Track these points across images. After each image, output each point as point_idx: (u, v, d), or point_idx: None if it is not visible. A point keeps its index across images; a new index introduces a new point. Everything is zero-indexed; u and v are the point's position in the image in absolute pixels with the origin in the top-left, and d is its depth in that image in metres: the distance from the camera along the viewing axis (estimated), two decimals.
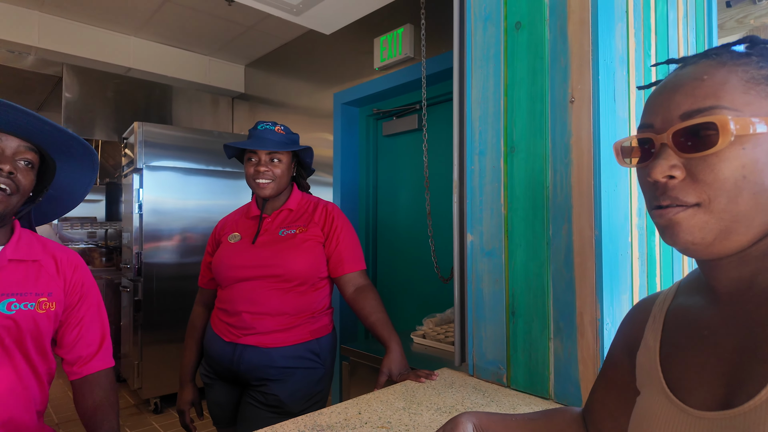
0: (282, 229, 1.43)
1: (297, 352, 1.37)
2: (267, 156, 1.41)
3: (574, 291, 1.04)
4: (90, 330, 1.14)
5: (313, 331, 1.41)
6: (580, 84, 1.05)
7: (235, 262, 1.40)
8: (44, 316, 1.05)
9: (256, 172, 1.41)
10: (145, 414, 3.20)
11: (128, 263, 3.33)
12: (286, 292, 1.37)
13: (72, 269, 1.13)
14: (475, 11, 1.28)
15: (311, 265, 1.39)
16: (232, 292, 1.40)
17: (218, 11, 3.13)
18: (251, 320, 1.35)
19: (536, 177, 1.11)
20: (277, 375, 1.35)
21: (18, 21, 3.10)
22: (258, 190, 1.43)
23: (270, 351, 1.35)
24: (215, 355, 1.42)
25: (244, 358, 1.35)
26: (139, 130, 3.17)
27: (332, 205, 1.51)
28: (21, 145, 0.99)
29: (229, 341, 1.38)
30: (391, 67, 2.67)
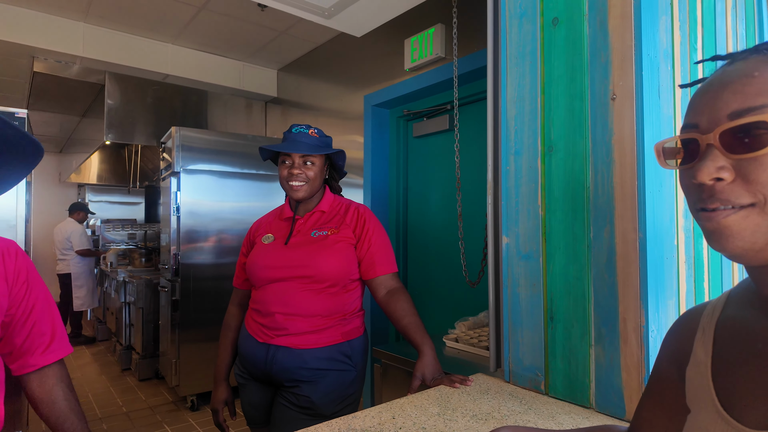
0: (314, 231, 1.44)
1: (329, 354, 1.37)
2: (301, 159, 1.43)
3: (617, 296, 1.00)
4: (42, 320, 1.04)
5: (345, 333, 1.41)
6: (621, 80, 1.01)
7: (268, 263, 1.42)
8: None
9: (290, 174, 1.42)
10: (182, 411, 3.29)
11: (166, 264, 3.44)
12: (317, 293, 1.37)
13: (13, 257, 1.01)
14: (510, 8, 1.26)
15: (342, 266, 1.39)
16: (265, 292, 1.41)
17: (251, 17, 3.19)
18: (284, 321, 1.36)
19: (576, 177, 1.07)
20: (309, 376, 1.35)
21: (64, 32, 3.25)
22: (291, 192, 1.44)
23: (302, 352, 1.35)
24: (249, 356, 1.43)
25: (277, 358, 1.36)
26: (176, 134, 3.26)
27: (364, 207, 1.51)
28: None
29: (262, 342, 1.39)
30: (421, 67, 2.65)
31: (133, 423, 3.10)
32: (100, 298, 5.50)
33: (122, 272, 4.74)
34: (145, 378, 3.96)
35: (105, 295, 5.34)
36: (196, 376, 3.29)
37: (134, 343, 4.21)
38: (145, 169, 6.01)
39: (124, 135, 3.71)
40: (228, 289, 3.46)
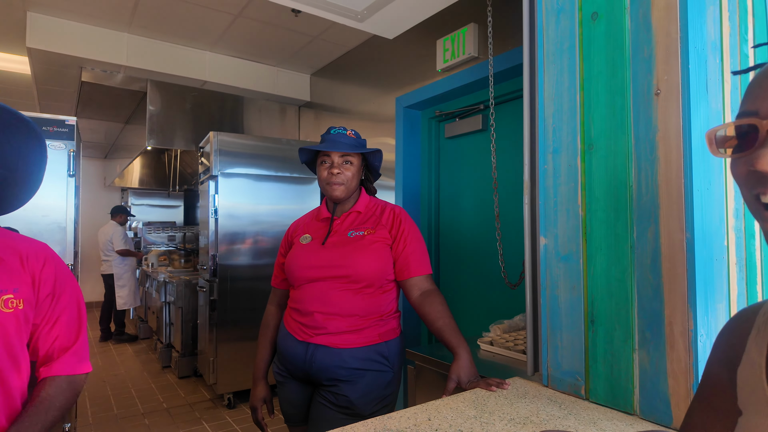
0: (351, 231, 1.46)
1: (366, 354, 1.38)
2: (340, 158, 1.45)
3: (663, 299, 0.96)
4: (67, 331, 1.00)
5: (382, 334, 1.41)
6: (666, 75, 0.97)
7: (306, 263, 1.44)
8: (12, 315, 0.90)
9: (329, 174, 1.45)
10: (219, 408, 3.37)
11: (204, 265, 3.54)
12: (355, 293, 1.39)
13: (41, 262, 0.98)
14: (547, 4, 1.23)
15: (379, 266, 1.40)
16: (303, 292, 1.43)
17: (286, 23, 3.25)
18: (323, 320, 1.37)
19: (618, 176, 1.04)
20: (348, 376, 1.36)
21: (110, 43, 3.40)
22: (330, 191, 1.46)
23: (341, 351, 1.36)
24: (288, 354, 1.44)
25: (316, 357, 1.37)
26: (214, 139, 3.36)
27: (399, 209, 1.52)
28: None
29: (302, 340, 1.41)
30: (453, 68, 2.63)
31: (173, 419, 3.20)
32: (142, 297, 5.71)
33: (162, 273, 4.91)
34: (185, 375, 4.08)
35: (146, 295, 5.54)
36: (233, 375, 3.37)
37: (174, 342, 4.35)
38: (185, 173, 6.21)
39: (164, 140, 3.85)
40: (264, 290, 3.53)
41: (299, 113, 4.51)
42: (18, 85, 4.36)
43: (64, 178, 2.34)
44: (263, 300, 1.53)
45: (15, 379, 0.91)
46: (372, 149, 1.50)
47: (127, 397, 3.65)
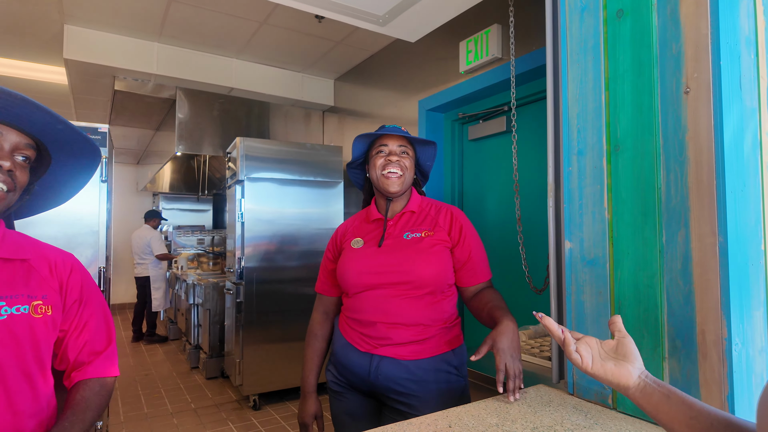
0: (406, 233, 1.35)
1: (435, 365, 1.28)
2: (398, 147, 1.38)
3: (694, 306, 0.92)
4: (96, 337, 1.02)
5: (448, 342, 1.32)
6: (696, 72, 0.93)
7: (361, 269, 1.33)
8: (41, 321, 0.91)
9: (387, 162, 1.35)
10: (245, 409, 3.42)
11: (231, 267, 3.60)
12: (417, 299, 1.29)
13: (68, 270, 1.01)
14: (570, 3, 1.20)
15: (440, 271, 1.30)
16: (361, 300, 1.33)
17: (309, 29, 3.29)
18: (387, 330, 1.28)
19: (646, 177, 1.00)
20: (417, 390, 1.26)
21: (141, 52, 3.51)
22: (386, 183, 1.35)
23: (408, 363, 1.26)
24: (351, 366, 1.33)
25: (381, 369, 1.27)
26: (241, 144, 3.42)
27: (457, 210, 1.42)
28: (22, 141, 0.89)
29: (365, 352, 1.31)
30: (477, 69, 2.61)
31: (200, 419, 3.26)
32: (172, 299, 5.86)
33: (191, 275, 5.02)
34: (212, 376, 4.15)
35: (176, 297, 5.68)
36: (259, 377, 3.41)
37: (202, 343, 4.44)
38: (213, 177, 6.35)
39: (193, 146, 3.95)
40: (289, 293, 3.57)
41: (323, 118, 4.55)
42: (56, 95, 4.55)
43: (97, 184, 2.43)
44: (288, 303, 1.55)
45: (42, 383, 0.93)
46: (427, 140, 1.42)
47: (157, 397, 3.74)
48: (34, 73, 4.02)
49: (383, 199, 1.41)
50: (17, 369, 0.88)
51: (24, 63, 3.89)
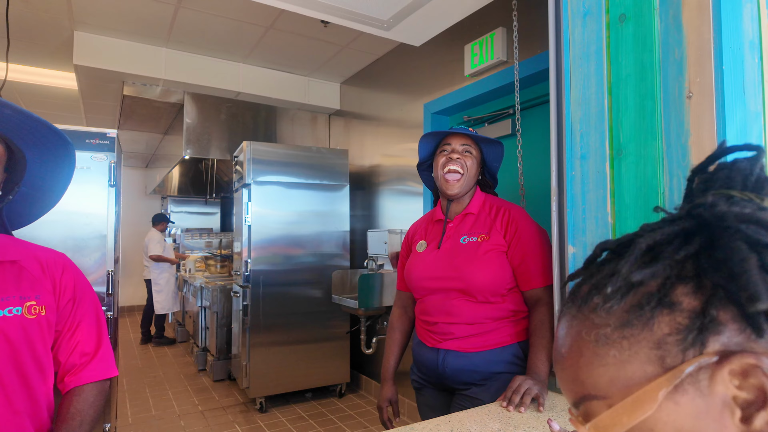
0: (464, 236, 1.38)
1: (499, 357, 1.32)
2: (461, 146, 1.38)
3: None
4: (87, 338, 1.00)
5: (514, 335, 1.34)
6: (699, 77, 0.93)
7: (423, 274, 1.41)
8: (35, 322, 0.90)
9: (448, 159, 1.37)
10: (252, 412, 3.43)
11: (239, 270, 3.62)
12: (477, 303, 1.34)
13: (60, 270, 0.99)
14: (573, 7, 1.21)
15: (494, 278, 1.31)
16: (426, 303, 1.41)
17: (315, 34, 3.31)
18: (449, 327, 1.36)
19: (649, 182, 1.00)
20: (480, 380, 1.32)
21: (149, 58, 3.55)
22: (445, 184, 1.38)
23: (471, 355, 1.33)
24: (423, 361, 1.43)
25: (447, 362, 1.35)
26: (247, 148, 3.45)
27: (517, 209, 1.40)
28: None
29: (432, 346, 1.39)
30: (482, 72, 2.61)
31: (207, 421, 3.28)
32: (180, 302, 5.90)
33: (199, 278, 5.05)
34: (219, 379, 4.18)
35: (184, 300, 5.72)
36: (266, 379, 3.43)
37: (209, 346, 4.47)
38: (220, 181, 6.40)
39: (200, 150, 3.98)
40: (295, 295, 3.57)
41: (329, 121, 4.57)
42: (66, 100, 4.61)
43: (105, 187, 2.46)
44: (295, 306, 1.55)
45: (41, 385, 0.92)
46: (493, 139, 1.41)
47: (164, 399, 3.77)
48: (44, 78, 4.07)
49: (445, 199, 1.45)
50: (13, 370, 0.87)
51: (35, 69, 3.95)
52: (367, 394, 3.74)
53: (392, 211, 3.48)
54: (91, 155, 2.42)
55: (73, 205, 2.38)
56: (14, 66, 3.80)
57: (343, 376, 3.71)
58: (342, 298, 3.34)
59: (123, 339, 6.06)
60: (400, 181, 3.39)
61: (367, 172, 3.83)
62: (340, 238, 3.74)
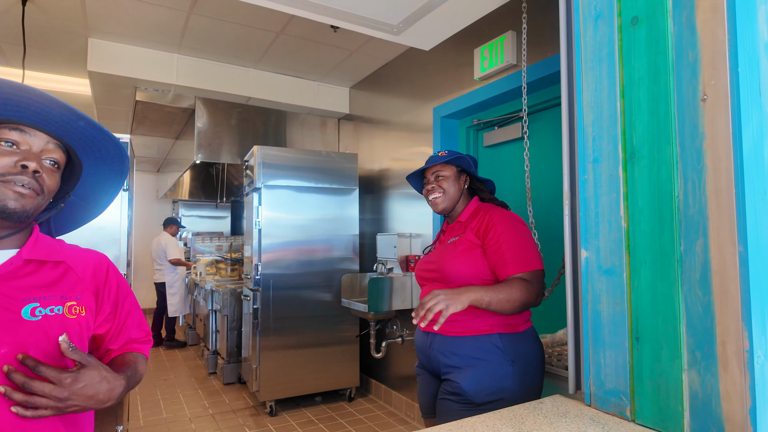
0: (450, 239, 1.58)
1: (478, 344, 1.43)
2: (432, 175, 1.62)
3: (714, 317, 0.90)
4: (138, 329, 1.09)
5: (496, 325, 1.45)
6: (713, 79, 0.92)
7: (420, 267, 1.66)
8: (75, 322, 0.92)
9: (427, 191, 1.63)
10: (261, 415, 3.44)
11: (249, 274, 3.64)
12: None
13: (104, 272, 1.03)
14: (584, 10, 1.20)
15: (466, 268, 1.48)
16: (422, 292, 1.64)
17: (325, 39, 3.33)
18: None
19: (663, 186, 0.99)
20: (460, 363, 1.43)
21: (161, 64, 3.60)
22: (432, 206, 1.63)
23: (453, 339, 1.46)
24: (419, 345, 1.60)
25: (434, 345, 1.50)
26: (258, 153, 3.47)
27: (496, 210, 1.55)
28: (50, 142, 0.88)
29: (424, 331, 1.55)
30: (492, 76, 2.61)
31: (218, 425, 3.29)
32: (191, 305, 5.94)
33: (210, 281, 5.09)
34: (229, 382, 4.19)
35: (194, 303, 5.76)
36: (275, 383, 3.44)
37: (220, 349, 4.49)
38: (231, 185, 6.45)
39: (212, 154, 4.02)
40: (305, 299, 3.58)
41: (339, 125, 4.59)
42: (80, 106, 4.68)
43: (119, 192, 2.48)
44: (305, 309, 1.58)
45: None
46: (451, 156, 1.58)
47: (175, 402, 3.79)
48: (59, 85, 4.14)
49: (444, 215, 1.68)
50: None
51: (50, 75, 4.02)
52: (377, 399, 3.73)
53: (402, 215, 3.48)
54: None
55: None
56: (30, 73, 3.87)
57: (352, 380, 3.70)
58: (351, 301, 3.34)
59: None
60: (409, 184, 3.38)
61: (376, 176, 3.84)
62: (350, 242, 3.74)
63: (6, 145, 0.85)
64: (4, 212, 0.84)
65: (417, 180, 1.75)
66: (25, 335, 0.85)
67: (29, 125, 0.86)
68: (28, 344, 0.85)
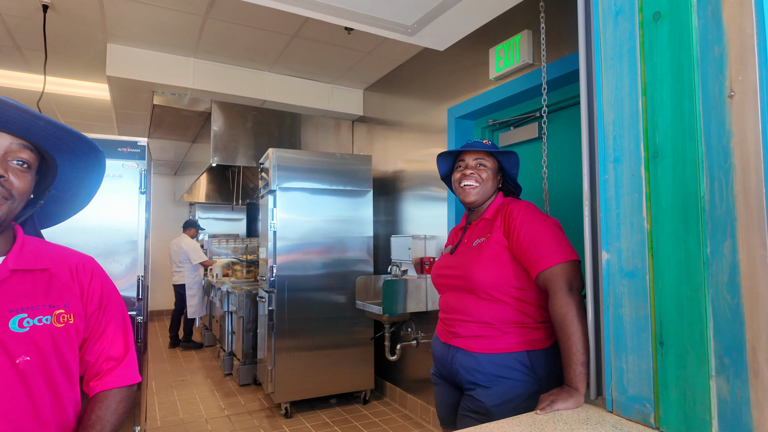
0: (476, 239, 1.45)
1: (505, 361, 1.33)
2: (474, 161, 1.47)
3: (743, 321, 0.87)
4: (113, 343, 1.01)
5: (523, 343, 1.34)
6: (741, 75, 0.89)
7: (438, 272, 1.52)
8: (63, 330, 0.91)
9: (463, 175, 1.47)
10: (277, 417, 3.44)
11: (264, 276, 3.66)
12: (483, 300, 1.37)
13: (89, 276, 1.00)
14: (604, 7, 1.17)
15: (495, 273, 1.35)
16: (442, 298, 1.52)
17: (339, 41, 3.34)
18: (458, 325, 1.41)
19: (687, 186, 0.96)
20: (485, 381, 1.34)
21: (178, 68, 3.64)
22: (463, 194, 1.47)
23: (477, 356, 1.35)
24: (437, 356, 1.50)
25: (456, 359, 1.40)
26: (273, 155, 3.49)
27: (517, 203, 1.41)
28: (14, 142, 0.86)
29: (444, 342, 1.46)
30: (507, 75, 2.58)
31: (234, 426, 3.31)
32: (207, 306, 5.99)
33: (226, 283, 5.13)
34: (245, 383, 4.21)
35: (211, 304, 5.81)
36: (291, 385, 3.44)
37: (235, 350, 4.52)
38: (247, 187, 6.50)
39: (227, 157, 4.05)
40: (319, 301, 3.59)
41: (353, 127, 4.59)
42: (99, 110, 4.77)
43: (136, 195, 2.52)
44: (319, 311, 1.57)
45: (69, 392, 0.93)
46: (505, 149, 1.47)
47: (192, 403, 3.82)
48: (79, 90, 4.22)
49: (467, 209, 1.55)
50: (42, 380, 0.88)
51: (70, 81, 4.10)
52: (391, 401, 3.71)
53: (416, 217, 3.46)
54: (122, 163, 2.49)
55: (105, 212, 2.44)
56: (51, 78, 3.95)
57: (367, 382, 3.69)
58: (366, 303, 3.33)
59: (152, 343, 6.19)
60: (423, 186, 3.37)
61: (390, 178, 3.83)
62: (364, 244, 3.74)
63: None
64: None
65: (448, 162, 1.58)
66: (13, 347, 0.84)
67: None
68: (17, 356, 0.84)
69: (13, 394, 0.84)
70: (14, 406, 0.84)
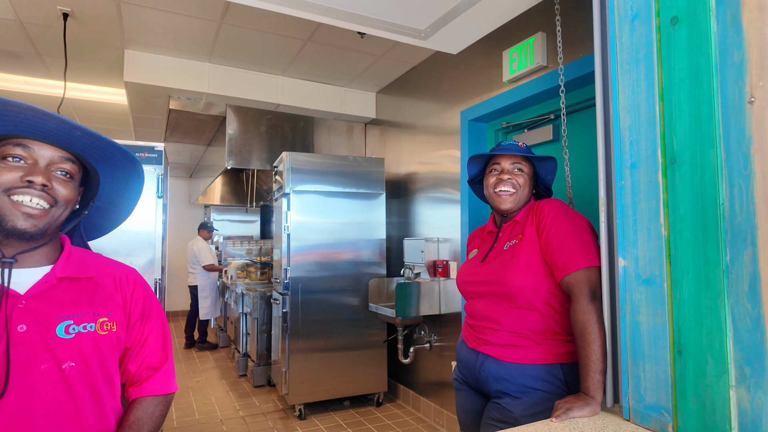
0: (507, 242, 1.38)
1: (537, 373, 1.28)
2: (511, 165, 1.40)
3: (764, 331, 0.85)
4: (154, 353, 1.04)
5: (557, 355, 1.30)
6: (762, 80, 0.88)
7: (468, 279, 1.46)
8: (106, 338, 0.94)
9: (498, 180, 1.39)
10: (291, 419, 3.46)
11: (278, 278, 3.68)
12: (517, 309, 1.33)
13: (131, 286, 1.03)
14: (620, 10, 1.16)
15: (530, 277, 1.29)
16: (471, 306, 1.45)
17: (352, 45, 3.35)
18: (489, 332, 1.37)
19: (706, 192, 0.95)
20: (515, 391, 1.29)
21: (193, 73, 3.69)
22: (497, 201, 1.40)
23: (509, 365, 1.31)
24: (463, 361, 1.45)
25: (485, 367, 1.35)
26: (286, 158, 3.52)
27: (547, 201, 1.37)
28: (56, 154, 0.90)
29: (472, 348, 1.41)
30: (521, 78, 2.56)
31: (248, 427, 3.34)
32: (222, 308, 6.06)
33: (240, 285, 5.17)
34: (259, 385, 4.25)
35: (225, 306, 5.87)
36: (304, 386, 3.46)
37: (250, 352, 4.56)
38: (261, 190, 6.55)
39: (242, 161, 4.09)
40: (333, 303, 3.60)
41: (365, 130, 4.61)
42: (117, 115, 4.85)
43: (153, 199, 2.56)
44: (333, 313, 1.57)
45: (109, 398, 0.96)
46: (544, 156, 1.40)
47: (207, 403, 3.86)
48: (97, 95, 4.31)
49: (498, 214, 1.47)
50: (86, 386, 0.91)
51: (88, 86, 4.18)
52: (404, 404, 3.71)
53: (429, 219, 3.46)
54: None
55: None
56: (70, 84, 4.03)
57: (380, 384, 3.69)
58: (379, 306, 3.34)
59: None
60: (436, 188, 3.36)
61: (403, 180, 3.83)
62: (377, 246, 3.74)
63: (14, 160, 0.87)
64: (15, 232, 0.86)
65: (479, 164, 1.49)
66: (60, 353, 0.87)
67: (32, 139, 0.88)
68: (63, 362, 0.87)
69: (60, 399, 0.87)
70: (60, 410, 0.87)
